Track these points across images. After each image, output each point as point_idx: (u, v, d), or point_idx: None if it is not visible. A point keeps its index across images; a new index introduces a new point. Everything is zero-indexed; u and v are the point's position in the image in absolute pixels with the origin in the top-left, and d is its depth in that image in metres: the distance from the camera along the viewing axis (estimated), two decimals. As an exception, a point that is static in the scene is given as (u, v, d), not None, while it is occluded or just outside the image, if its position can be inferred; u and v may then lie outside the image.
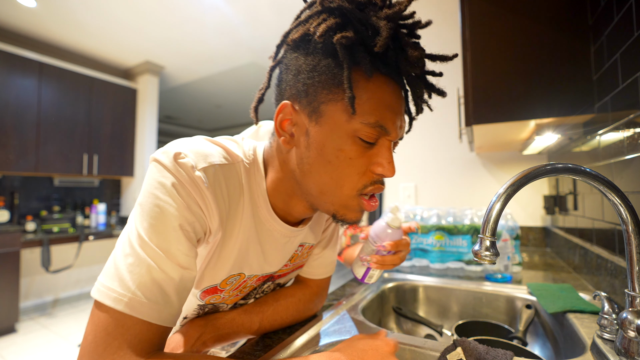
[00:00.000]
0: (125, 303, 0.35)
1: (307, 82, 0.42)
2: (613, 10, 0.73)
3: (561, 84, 0.84)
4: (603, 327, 0.53)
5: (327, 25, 0.39)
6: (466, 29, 0.93)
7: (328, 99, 0.41)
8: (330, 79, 0.41)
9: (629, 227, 0.46)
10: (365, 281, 0.66)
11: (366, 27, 0.39)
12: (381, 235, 0.62)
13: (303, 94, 0.43)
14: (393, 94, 0.43)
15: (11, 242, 2.62)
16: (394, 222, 0.61)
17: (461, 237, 1.16)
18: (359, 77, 0.40)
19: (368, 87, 0.41)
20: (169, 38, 3.18)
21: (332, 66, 0.40)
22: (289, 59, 0.44)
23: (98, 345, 0.35)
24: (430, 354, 0.54)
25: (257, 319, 0.58)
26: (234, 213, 0.46)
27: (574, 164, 0.46)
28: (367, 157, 0.43)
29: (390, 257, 0.61)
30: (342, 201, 0.45)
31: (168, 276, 0.37)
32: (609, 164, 0.78)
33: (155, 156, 0.41)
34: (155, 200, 0.38)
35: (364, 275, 0.65)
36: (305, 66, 0.42)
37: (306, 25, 0.42)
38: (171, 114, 5.73)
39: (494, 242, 0.45)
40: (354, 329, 0.63)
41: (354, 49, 0.39)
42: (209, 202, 0.41)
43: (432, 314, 0.98)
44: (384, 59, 0.41)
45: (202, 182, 0.40)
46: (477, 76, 0.91)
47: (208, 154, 0.43)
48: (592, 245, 0.93)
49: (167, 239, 0.38)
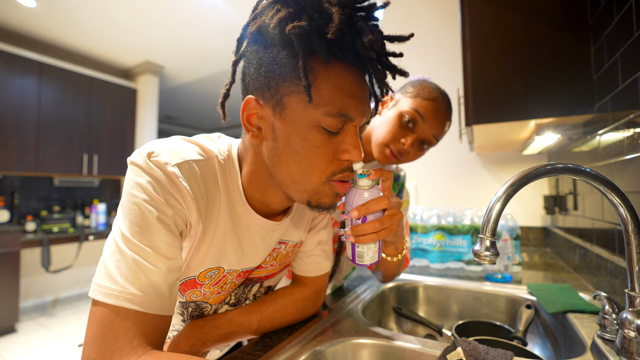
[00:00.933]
0: (115, 297, 0.36)
1: (268, 75, 0.42)
2: (613, 11, 0.73)
3: (561, 84, 0.84)
4: (603, 327, 0.53)
5: (280, 16, 0.39)
6: (466, 28, 0.93)
7: (290, 90, 0.41)
8: (290, 71, 0.41)
9: (628, 227, 0.46)
10: (357, 262, 0.54)
11: (320, 14, 0.39)
12: (354, 201, 0.50)
13: (266, 88, 0.43)
14: (354, 79, 0.43)
15: (11, 242, 2.62)
16: (363, 182, 0.49)
17: (461, 237, 1.16)
18: (318, 66, 0.41)
19: (328, 75, 0.41)
20: (169, 38, 3.18)
21: (289, 57, 0.41)
22: (250, 52, 0.45)
23: (96, 339, 0.36)
24: (430, 354, 0.54)
25: (256, 318, 0.58)
26: (211, 207, 0.47)
27: (574, 164, 0.46)
28: (333, 144, 0.44)
29: (370, 225, 0.49)
30: (313, 188, 0.45)
31: (154, 267, 0.39)
32: (609, 163, 0.78)
33: (131, 158, 0.43)
34: (132, 199, 0.40)
35: (352, 254, 0.53)
36: (265, 59, 0.42)
37: (262, 17, 0.42)
38: (171, 114, 5.73)
39: (494, 242, 0.45)
40: (354, 329, 0.63)
41: (309, 37, 0.39)
42: (185, 195, 0.42)
43: (432, 314, 0.98)
44: (341, 45, 0.41)
45: (176, 177, 0.42)
46: (477, 76, 0.91)
47: (181, 151, 0.45)
48: (592, 245, 0.93)
49: (148, 233, 0.39)
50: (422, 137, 0.73)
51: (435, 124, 0.72)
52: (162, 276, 0.39)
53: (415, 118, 0.71)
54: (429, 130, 0.72)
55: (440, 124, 0.73)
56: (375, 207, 0.48)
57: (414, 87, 0.75)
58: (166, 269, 0.40)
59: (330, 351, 0.57)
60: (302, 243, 0.65)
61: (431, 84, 0.75)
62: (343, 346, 0.58)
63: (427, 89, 0.73)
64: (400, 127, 0.72)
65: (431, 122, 0.72)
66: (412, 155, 0.74)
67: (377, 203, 0.49)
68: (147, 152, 0.42)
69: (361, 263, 0.53)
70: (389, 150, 0.73)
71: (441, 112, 0.72)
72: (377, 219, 0.49)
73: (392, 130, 0.72)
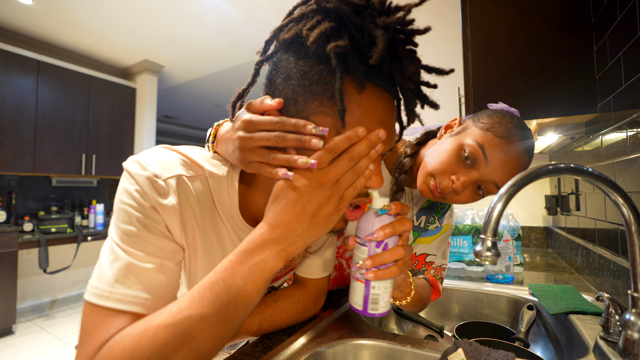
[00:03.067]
0: (105, 297, 0.37)
1: (297, 90, 0.40)
2: (616, 9, 0.72)
3: (563, 83, 0.84)
4: (606, 329, 0.53)
5: (321, 30, 0.36)
6: (467, 28, 0.92)
7: (319, 111, 0.39)
8: (322, 90, 0.38)
9: (631, 227, 0.45)
10: (369, 311, 0.44)
11: (362, 34, 0.37)
12: (369, 226, 0.44)
13: (292, 102, 0.40)
14: (385, 107, 0.41)
15: (8, 243, 2.61)
16: (377, 204, 0.43)
17: (462, 237, 1.16)
18: (352, 88, 0.38)
19: (360, 101, 0.38)
20: (168, 37, 3.17)
21: (324, 74, 0.38)
22: (280, 59, 0.42)
23: (85, 336, 0.36)
24: (431, 355, 0.53)
25: (256, 320, 0.58)
26: (209, 223, 0.47)
27: (576, 163, 0.46)
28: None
29: (391, 252, 0.43)
30: None
31: (146, 269, 0.39)
32: (612, 163, 0.77)
33: (125, 164, 0.43)
34: (121, 205, 0.41)
35: (365, 300, 0.44)
36: (296, 71, 0.40)
37: (299, 25, 0.40)
38: (170, 113, 5.72)
39: (495, 242, 0.45)
40: (354, 330, 0.62)
41: (347, 57, 0.37)
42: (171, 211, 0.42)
43: (433, 315, 0.98)
44: (378, 70, 0.38)
45: (164, 191, 0.41)
46: (478, 75, 0.91)
47: (174, 165, 0.44)
48: (594, 245, 0.93)
49: (136, 237, 0.40)
50: (479, 179, 0.59)
51: (500, 169, 0.57)
52: (154, 277, 0.39)
53: (477, 155, 0.58)
54: (489, 175, 0.58)
55: (507, 171, 0.57)
56: (401, 228, 0.42)
57: (490, 117, 0.61)
58: (157, 267, 0.40)
59: (330, 352, 0.57)
60: (308, 247, 0.64)
61: (514, 119, 0.61)
62: (343, 347, 0.58)
63: (505, 124, 0.59)
64: (456, 160, 0.60)
65: (495, 166, 0.57)
66: (461, 198, 0.61)
67: (401, 224, 0.43)
68: (140, 162, 0.42)
69: (375, 312, 0.44)
70: (434, 183, 0.61)
71: (512, 158, 0.57)
72: (397, 245, 0.43)
73: (444, 161, 0.60)
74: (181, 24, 2.94)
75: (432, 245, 0.79)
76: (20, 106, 2.93)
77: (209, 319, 0.34)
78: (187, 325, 0.34)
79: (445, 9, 1.70)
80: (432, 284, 0.78)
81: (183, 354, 0.34)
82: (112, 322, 0.36)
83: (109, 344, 0.35)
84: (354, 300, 0.46)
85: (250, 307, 0.38)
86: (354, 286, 0.46)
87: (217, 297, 0.35)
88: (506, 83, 0.88)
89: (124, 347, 0.34)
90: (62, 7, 2.71)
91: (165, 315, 0.35)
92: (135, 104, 3.84)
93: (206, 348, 0.35)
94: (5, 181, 3.09)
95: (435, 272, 0.80)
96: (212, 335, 0.35)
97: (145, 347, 0.33)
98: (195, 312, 0.34)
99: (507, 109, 0.65)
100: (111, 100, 3.60)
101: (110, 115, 3.59)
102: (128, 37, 3.20)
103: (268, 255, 0.37)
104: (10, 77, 2.88)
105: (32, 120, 3.00)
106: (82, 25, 2.98)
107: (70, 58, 3.48)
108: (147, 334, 0.34)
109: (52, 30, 3.09)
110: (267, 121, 0.39)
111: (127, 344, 0.34)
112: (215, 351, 0.36)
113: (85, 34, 3.13)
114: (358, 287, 0.45)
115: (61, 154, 3.19)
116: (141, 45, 3.35)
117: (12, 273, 2.61)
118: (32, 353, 2.39)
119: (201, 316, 0.34)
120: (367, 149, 0.38)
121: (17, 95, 2.91)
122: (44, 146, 3.07)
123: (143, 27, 3.01)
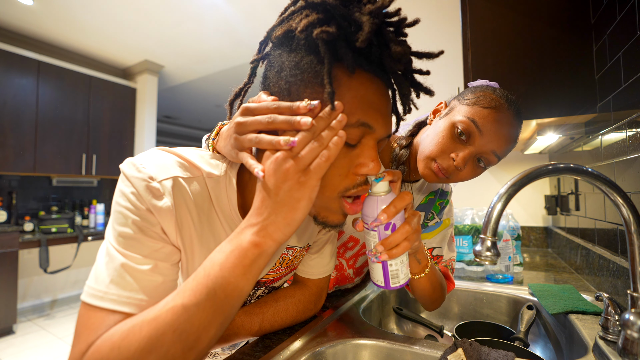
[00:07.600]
0: (100, 297, 0.37)
1: (289, 80, 0.41)
2: (615, 9, 0.72)
3: (562, 84, 0.84)
4: (605, 329, 0.53)
5: (309, 20, 0.38)
6: (467, 27, 0.92)
7: (312, 98, 0.40)
8: (312, 77, 0.39)
9: (631, 227, 0.45)
10: (392, 285, 0.48)
11: (349, 22, 0.38)
12: (377, 208, 0.45)
13: (286, 92, 0.41)
14: (377, 91, 0.41)
15: (9, 243, 2.61)
16: (379, 188, 0.45)
17: (462, 237, 1.16)
18: (342, 74, 0.39)
19: (350, 84, 0.39)
20: (168, 37, 3.17)
21: (314, 63, 0.39)
22: (273, 55, 0.44)
23: (78, 335, 0.37)
24: (431, 355, 0.54)
25: (257, 320, 0.58)
26: (206, 224, 0.47)
27: (575, 163, 0.46)
28: (349, 157, 0.42)
29: (400, 232, 0.45)
30: (323, 203, 0.44)
31: (141, 270, 0.39)
32: (611, 163, 0.77)
33: (121, 166, 0.43)
34: (117, 207, 0.41)
35: (385, 277, 0.47)
36: (288, 63, 0.41)
37: (289, 21, 0.42)
38: (170, 113, 5.72)
39: (495, 242, 0.45)
40: (354, 330, 0.62)
41: (336, 44, 0.38)
42: (167, 213, 0.42)
43: (432, 315, 0.98)
44: (367, 55, 0.40)
45: (159, 193, 0.41)
46: (478, 75, 0.91)
47: (170, 166, 0.44)
48: (594, 245, 0.93)
49: (132, 240, 0.40)
50: (477, 152, 0.61)
51: (495, 137, 0.59)
52: (148, 277, 0.40)
53: (471, 129, 0.60)
54: (486, 145, 0.60)
55: (502, 137, 0.60)
56: (401, 204, 0.44)
57: (473, 93, 0.64)
58: (152, 269, 0.40)
59: (330, 352, 0.57)
60: (309, 247, 0.64)
61: (496, 90, 0.64)
62: (343, 347, 0.58)
63: (489, 96, 0.61)
64: (451, 139, 0.61)
65: (491, 135, 0.59)
66: (464, 174, 0.63)
67: (401, 200, 0.44)
68: (136, 164, 0.42)
69: (397, 284, 0.47)
70: (436, 166, 0.62)
71: (505, 124, 0.60)
72: (404, 222, 0.46)
73: (441, 142, 0.62)
74: (181, 24, 2.94)
75: (435, 240, 0.80)
76: (21, 106, 2.93)
77: (191, 308, 0.35)
78: (170, 316, 0.35)
79: (445, 9, 1.70)
80: (445, 274, 0.78)
81: (168, 346, 0.34)
82: (105, 321, 0.36)
83: (99, 342, 0.35)
84: (375, 278, 0.49)
85: (234, 294, 0.37)
86: (372, 267, 0.49)
87: (197, 285, 0.36)
88: (506, 83, 0.88)
89: (112, 343, 0.34)
90: (62, 8, 2.71)
91: (151, 310, 0.36)
92: (135, 104, 3.84)
93: (191, 338, 0.35)
94: (6, 181, 3.09)
95: (447, 263, 0.80)
96: (195, 324, 0.35)
97: (132, 341, 0.34)
98: (178, 303, 0.35)
99: (487, 83, 0.67)
100: (111, 100, 3.60)
101: (110, 115, 3.59)
102: (128, 37, 3.20)
103: (244, 240, 0.38)
104: (11, 78, 2.89)
105: (33, 121, 3.00)
106: (82, 25, 2.98)
107: (71, 58, 3.48)
108: (134, 329, 0.35)
109: (53, 31, 3.09)
110: (263, 106, 0.40)
111: (116, 340, 0.34)
112: (204, 341, 0.36)
113: (86, 34, 3.13)
114: (377, 268, 0.48)
115: (61, 154, 3.19)
116: (141, 45, 3.35)
117: (13, 273, 2.62)
118: (32, 353, 2.39)
119: (183, 306, 0.35)
120: (325, 119, 0.38)
121: (17, 96, 2.91)
122: (45, 146, 3.07)
123: (143, 27, 3.01)
